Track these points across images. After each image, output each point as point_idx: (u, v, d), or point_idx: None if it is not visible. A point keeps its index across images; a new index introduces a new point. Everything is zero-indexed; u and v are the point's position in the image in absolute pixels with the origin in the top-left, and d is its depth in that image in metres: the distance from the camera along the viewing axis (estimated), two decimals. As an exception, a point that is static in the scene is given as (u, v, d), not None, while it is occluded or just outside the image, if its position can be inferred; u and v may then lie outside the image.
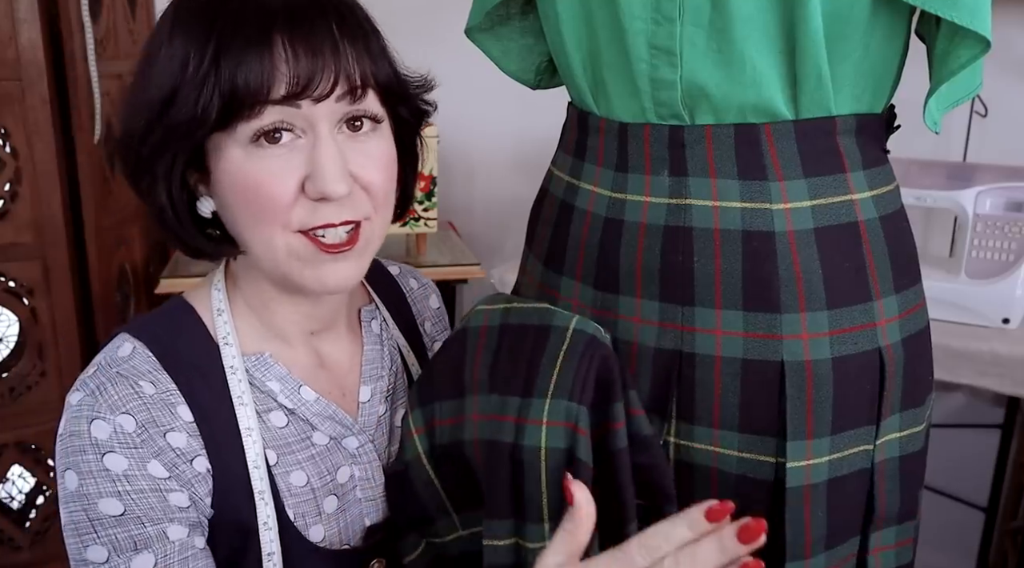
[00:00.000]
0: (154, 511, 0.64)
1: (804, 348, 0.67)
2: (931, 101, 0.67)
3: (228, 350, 0.70)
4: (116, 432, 0.64)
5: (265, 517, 0.68)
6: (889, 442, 0.72)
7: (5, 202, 1.38)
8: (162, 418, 0.65)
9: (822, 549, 0.71)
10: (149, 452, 0.64)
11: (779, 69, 0.66)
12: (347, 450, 0.75)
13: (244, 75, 0.60)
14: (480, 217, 1.99)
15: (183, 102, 0.62)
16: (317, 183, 0.63)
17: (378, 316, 0.81)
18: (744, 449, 0.70)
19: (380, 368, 0.79)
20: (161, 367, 0.67)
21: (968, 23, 0.61)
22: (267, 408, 0.71)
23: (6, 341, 1.46)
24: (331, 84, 0.62)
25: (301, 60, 0.61)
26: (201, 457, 0.67)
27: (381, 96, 0.67)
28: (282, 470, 0.71)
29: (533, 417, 0.65)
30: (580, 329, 0.68)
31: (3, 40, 1.32)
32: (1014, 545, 1.82)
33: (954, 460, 1.80)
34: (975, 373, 1.37)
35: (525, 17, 0.85)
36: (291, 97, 0.61)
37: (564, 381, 0.65)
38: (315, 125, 0.63)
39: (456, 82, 1.82)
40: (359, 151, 0.66)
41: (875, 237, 0.70)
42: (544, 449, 0.65)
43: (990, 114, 1.74)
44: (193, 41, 0.62)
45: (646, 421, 0.68)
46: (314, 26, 0.62)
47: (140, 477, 0.64)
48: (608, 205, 0.74)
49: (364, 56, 0.65)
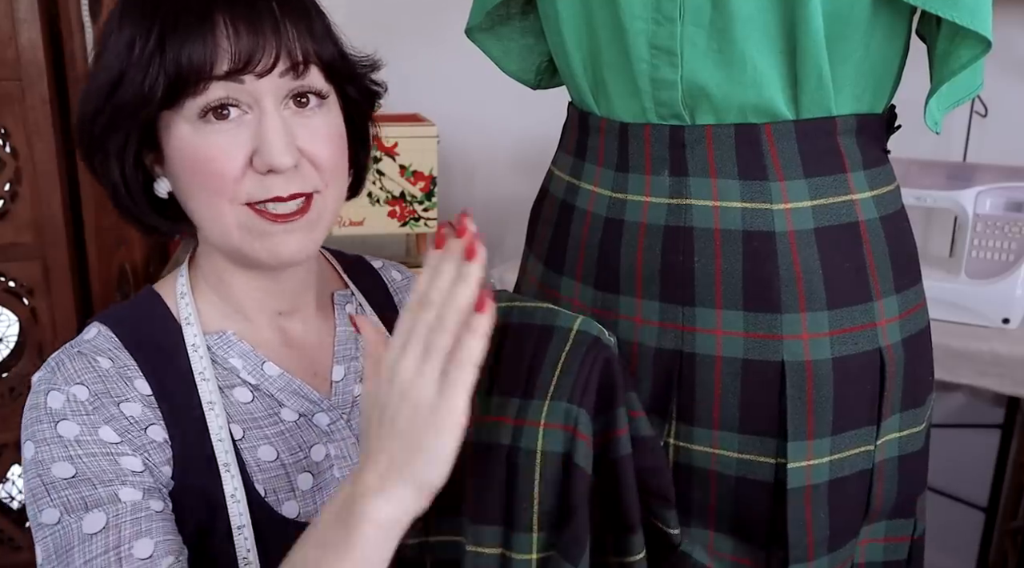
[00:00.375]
0: (105, 473, 0.65)
1: (804, 348, 0.67)
2: (931, 101, 0.67)
3: (189, 329, 0.72)
4: (69, 401, 0.66)
5: (232, 489, 0.69)
6: (889, 442, 0.72)
7: (5, 202, 1.38)
8: (116, 390, 0.68)
9: (825, 551, 0.70)
10: (101, 418, 0.66)
11: (780, 69, 0.66)
12: (319, 427, 0.75)
13: (188, 53, 0.63)
14: (480, 217, 1.99)
15: (130, 83, 0.65)
16: (264, 156, 0.65)
17: (353, 301, 0.83)
18: (744, 450, 0.70)
19: (354, 349, 0.80)
20: (121, 346, 0.70)
21: (969, 23, 0.61)
22: (230, 384, 0.73)
23: (6, 341, 1.46)
24: (273, 59, 0.65)
25: (242, 37, 0.64)
26: (157, 426, 0.68)
27: (325, 73, 0.69)
28: (249, 445, 0.71)
29: (531, 419, 0.64)
30: (584, 330, 0.66)
31: (3, 40, 1.32)
32: (1014, 545, 1.82)
33: (954, 460, 1.80)
34: (975, 373, 1.37)
35: (525, 17, 0.85)
36: (234, 72, 0.64)
37: (565, 383, 0.64)
38: (260, 100, 0.66)
39: (456, 82, 1.83)
40: (305, 126, 0.68)
41: (875, 237, 0.70)
42: (540, 453, 0.63)
43: (990, 114, 1.74)
44: (139, 25, 0.65)
45: (646, 422, 0.67)
46: (255, 6, 0.65)
47: (91, 442, 0.66)
48: (608, 205, 0.74)
49: (305, 34, 0.67)
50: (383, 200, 1.60)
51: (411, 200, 1.60)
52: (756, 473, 0.70)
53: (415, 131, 1.57)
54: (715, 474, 0.72)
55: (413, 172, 1.59)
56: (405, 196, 1.60)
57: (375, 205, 1.60)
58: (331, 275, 0.84)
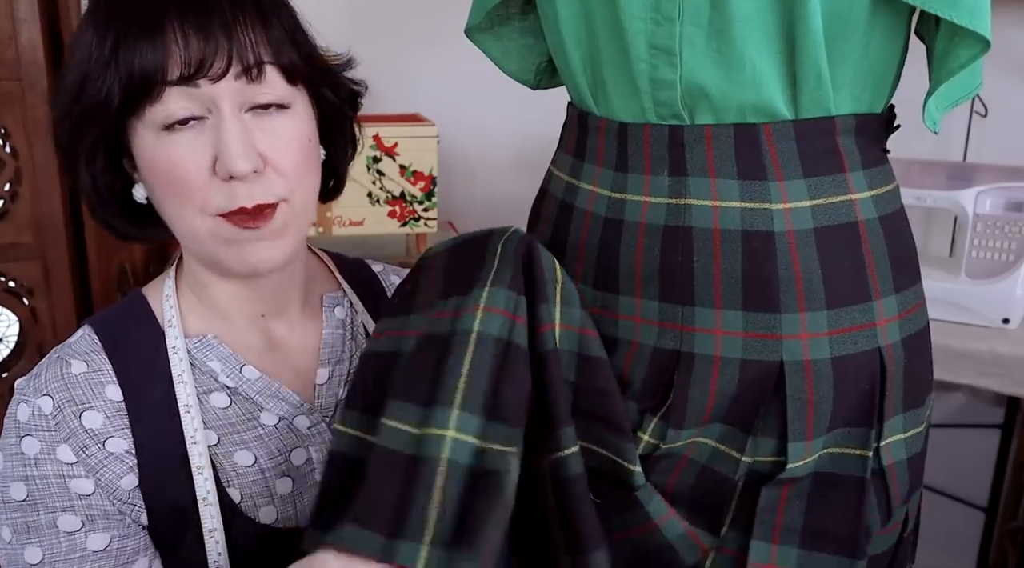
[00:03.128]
0: (51, 498, 0.67)
1: (803, 348, 0.67)
2: (930, 101, 0.67)
3: (171, 331, 0.73)
4: (34, 414, 0.68)
5: (204, 493, 0.69)
6: (895, 443, 0.71)
7: (5, 202, 1.38)
8: (82, 397, 0.69)
9: (795, 544, 0.70)
10: (60, 436, 0.67)
11: (779, 69, 0.66)
12: (299, 431, 0.75)
13: (139, 60, 0.63)
14: (480, 217, 1.99)
15: (90, 89, 0.65)
16: (224, 161, 0.65)
17: (344, 303, 0.82)
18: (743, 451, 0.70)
19: (341, 352, 0.80)
20: (100, 348, 0.71)
21: (968, 23, 0.61)
22: (207, 389, 0.73)
23: (6, 341, 1.46)
24: (225, 63, 0.64)
25: (192, 42, 0.64)
26: (117, 438, 0.69)
27: (286, 76, 0.68)
28: (224, 450, 0.72)
29: (470, 306, 0.64)
30: (518, 231, 0.69)
31: (3, 40, 1.32)
32: (1014, 545, 1.82)
33: (954, 460, 1.80)
34: (975, 373, 1.37)
35: (525, 17, 0.85)
36: (186, 78, 0.64)
37: (503, 273, 0.65)
38: (218, 105, 0.65)
39: (456, 82, 1.83)
40: (266, 130, 0.67)
41: (875, 237, 0.70)
42: (475, 332, 0.63)
43: (990, 114, 1.74)
44: (98, 30, 0.65)
45: (599, 343, 0.68)
46: (206, 11, 0.65)
47: (48, 461, 0.67)
48: (608, 205, 0.74)
49: (260, 37, 0.66)
50: (383, 200, 1.60)
51: (411, 200, 1.61)
52: (756, 473, 0.70)
53: (415, 131, 1.57)
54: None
55: (413, 172, 1.59)
56: (405, 196, 1.60)
57: (375, 205, 1.60)
58: (324, 276, 0.84)
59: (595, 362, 0.68)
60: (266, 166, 0.67)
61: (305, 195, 0.71)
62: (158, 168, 0.66)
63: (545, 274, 0.67)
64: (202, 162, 0.65)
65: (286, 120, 0.69)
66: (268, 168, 0.67)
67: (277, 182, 0.68)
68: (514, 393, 0.63)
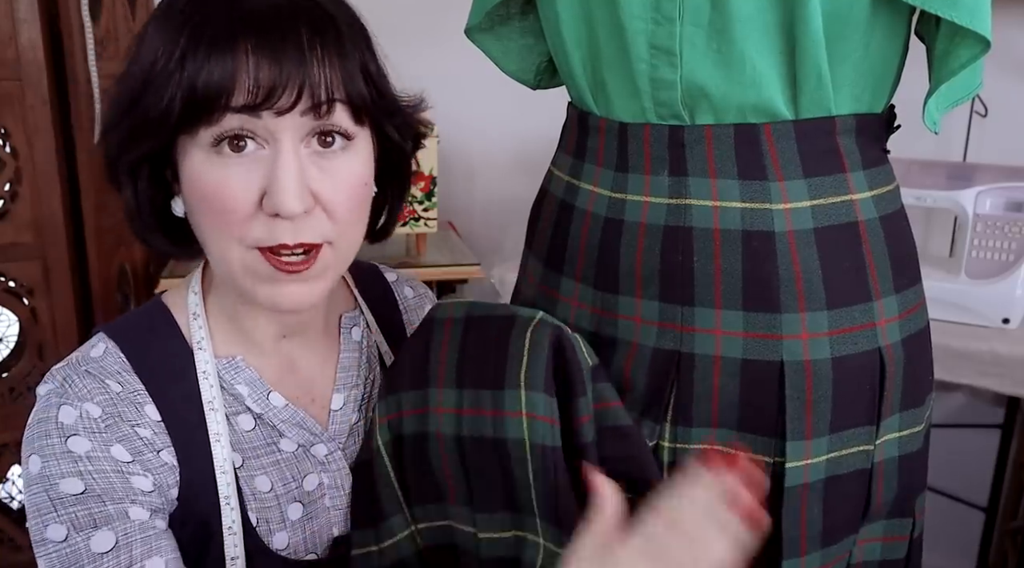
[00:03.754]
0: (115, 491, 0.63)
1: (804, 348, 0.67)
2: (930, 101, 0.67)
3: (201, 355, 0.70)
4: (82, 417, 0.64)
5: (230, 522, 0.68)
6: (888, 442, 0.72)
7: (5, 202, 1.38)
8: (128, 414, 0.66)
9: (818, 547, 0.71)
10: (113, 437, 0.65)
11: (779, 69, 0.66)
12: (316, 458, 0.74)
13: (205, 77, 0.59)
14: (480, 217, 1.99)
15: (150, 98, 0.61)
16: (273, 198, 0.61)
17: (360, 323, 0.80)
18: (742, 451, 0.70)
19: (356, 376, 0.78)
20: (131, 369, 0.68)
21: (968, 23, 0.61)
22: (235, 411, 0.71)
23: (6, 341, 1.46)
24: (294, 98, 0.60)
25: (263, 69, 0.59)
26: (167, 451, 0.67)
27: (354, 114, 0.64)
28: (247, 474, 0.71)
29: (512, 410, 0.66)
30: (545, 320, 0.68)
31: (3, 40, 1.32)
32: (1014, 545, 1.82)
33: (954, 460, 1.80)
34: (975, 373, 1.37)
35: (525, 17, 0.85)
36: (251, 107, 0.60)
37: (535, 371, 0.66)
38: (278, 137, 0.61)
39: (456, 82, 1.83)
40: (324, 169, 0.63)
41: (875, 237, 0.70)
42: (528, 442, 0.65)
43: (990, 114, 1.74)
44: (166, 39, 0.61)
45: (623, 412, 0.68)
46: (283, 35, 0.60)
47: (103, 458, 0.64)
48: (608, 205, 0.74)
49: (336, 70, 0.62)
50: (383, 200, 1.60)
51: (411, 200, 1.60)
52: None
53: (415, 131, 1.57)
54: (713, 475, 0.72)
55: (413, 172, 1.59)
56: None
57: (375, 205, 1.60)
58: (343, 294, 0.81)
59: (624, 431, 0.68)
60: (315, 205, 0.63)
61: (352, 239, 0.68)
62: (203, 191, 0.63)
63: (579, 364, 0.67)
64: (250, 193, 0.62)
65: (347, 157, 0.65)
66: (318, 208, 0.63)
67: (324, 223, 0.64)
68: (566, 502, 0.66)
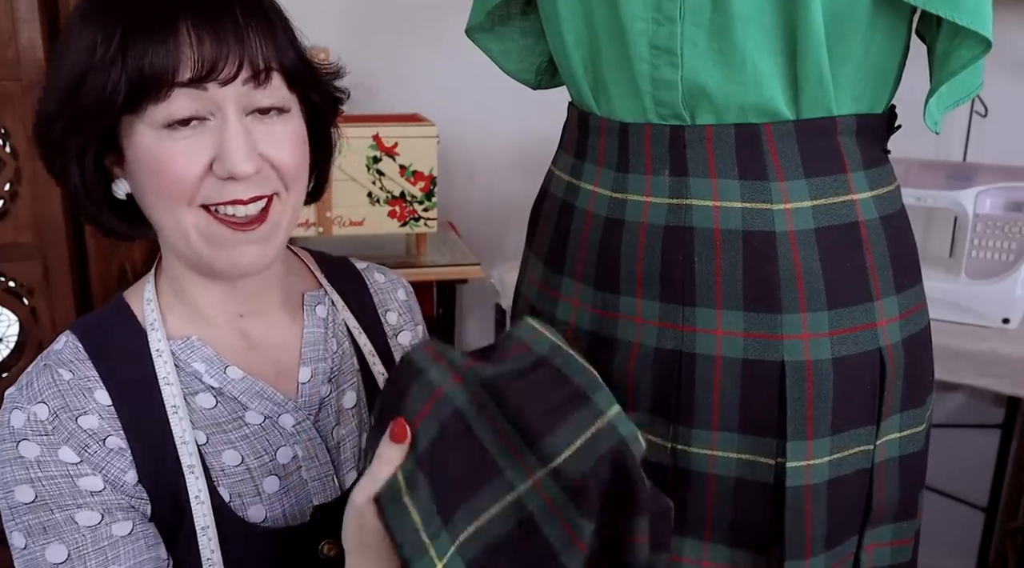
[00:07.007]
0: (63, 496, 0.67)
1: (805, 348, 0.67)
2: (931, 101, 0.67)
3: (154, 335, 0.73)
4: (29, 420, 0.68)
5: (196, 492, 0.70)
6: (889, 442, 0.72)
7: (5, 202, 1.38)
8: (75, 402, 0.69)
9: (822, 549, 0.70)
10: (60, 438, 0.68)
11: (780, 69, 0.66)
12: (284, 429, 0.76)
13: (150, 59, 0.63)
14: (480, 217, 1.99)
15: (91, 86, 0.65)
16: (225, 162, 0.65)
17: (325, 302, 0.83)
18: (743, 451, 0.70)
19: (323, 350, 0.80)
20: (85, 356, 0.71)
21: (969, 23, 0.61)
22: (193, 390, 0.73)
23: (6, 341, 1.46)
24: (236, 67, 0.65)
25: (205, 44, 0.64)
26: (114, 437, 0.69)
27: (288, 81, 0.70)
28: (213, 449, 0.72)
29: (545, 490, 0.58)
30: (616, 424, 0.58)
31: (3, 40, 1.32)
32: (1014, 545, 1.82)
33: (954, 460, 1.80)
34: (975, 373, 1.37)
35: (526, 17, 0.85)
36: (197, 80, 0.64)
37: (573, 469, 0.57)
38: (222, 106, 0.66)
39: (456, 82, 1.83)
40: (267, 132, 0.68)
41: (876, 237, 0.70)
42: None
43: (990, 114, 1.74)
44: (101, 27, 0.65)
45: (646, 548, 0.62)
46: (219, 13, 0.65)
47: (51, 463, 0.67)
48: (609, 205, 0.74)
49: (269, 42, 0.67)
50: (383, 200, 1.60)
51: (411, 200, 1.60)
52: (755, 474, 0.70)
53: (415, 131, 1.57)
54: (714, 478, 0.71)
55: (413, 172, 1.59)
56: (405, 196, 1.60)
57: (375, 205, 1.60)
58: (304, 275, 0.84)
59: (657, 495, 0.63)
60: (264, 164, 0.68)
61: (298, 194, 0.72)
62: (155, 165, 0.66)
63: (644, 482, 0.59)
64: (200, 162, 0.66)
65: (285, 121, 0.70)
66: (266, 165, 0.69)
67: (273, 178, 0.69)
68: None
